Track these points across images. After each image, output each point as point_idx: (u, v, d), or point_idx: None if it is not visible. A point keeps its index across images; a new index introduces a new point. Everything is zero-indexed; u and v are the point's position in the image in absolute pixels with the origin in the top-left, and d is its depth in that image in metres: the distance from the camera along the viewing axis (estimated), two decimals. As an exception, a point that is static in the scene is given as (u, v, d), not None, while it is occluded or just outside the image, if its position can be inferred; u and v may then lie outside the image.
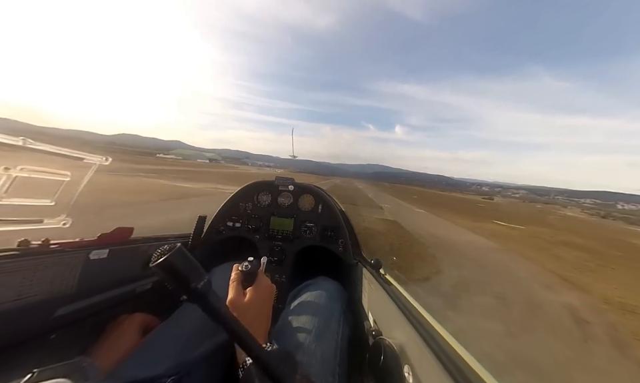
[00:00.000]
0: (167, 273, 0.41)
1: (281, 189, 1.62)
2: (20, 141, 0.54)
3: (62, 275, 0.79)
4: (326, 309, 0.93)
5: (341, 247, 1.46)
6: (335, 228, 1.50)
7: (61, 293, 0.79)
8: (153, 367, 0.68)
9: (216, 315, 0.45)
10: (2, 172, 0.55)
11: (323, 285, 1.07)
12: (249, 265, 0.76)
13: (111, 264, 0.95)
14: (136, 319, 0.87)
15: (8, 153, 0.54)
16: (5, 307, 0.66)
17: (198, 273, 0.44)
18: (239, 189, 1.61)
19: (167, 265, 0.41)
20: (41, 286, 0.74)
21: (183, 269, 0.42)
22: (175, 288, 0.43)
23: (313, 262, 1.63)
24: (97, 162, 0.74)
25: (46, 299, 0.75)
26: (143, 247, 1.10)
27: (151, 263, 0.41)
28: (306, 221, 1.55)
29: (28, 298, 0.71)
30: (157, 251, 0.42)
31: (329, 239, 1.49)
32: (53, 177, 0.67)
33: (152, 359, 0.70)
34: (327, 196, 1.62)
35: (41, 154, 0.59)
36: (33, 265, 0.72)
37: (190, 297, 0.43)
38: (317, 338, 0.79)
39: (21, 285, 0.69)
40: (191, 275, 0.43)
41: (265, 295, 0.76)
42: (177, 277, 0.42)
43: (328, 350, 0.79)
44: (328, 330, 0.85)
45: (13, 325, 0.70)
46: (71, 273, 0.82)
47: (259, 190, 1.62)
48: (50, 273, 0.76)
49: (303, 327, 0.82)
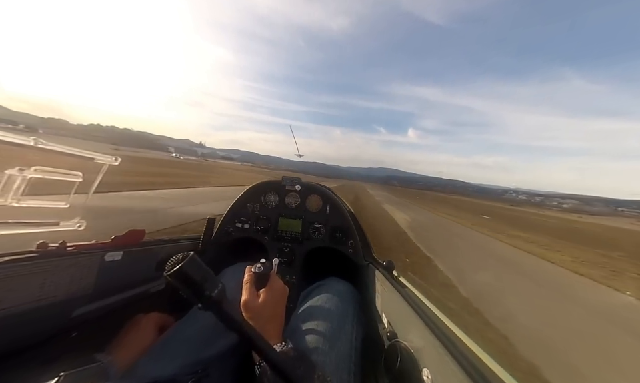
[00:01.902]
0: (180, 282, 0.42)
1: (288, 189, 1.61)
2: (31, 141, 0.56)
3: (79, 276, 0.81)
4: (339, 310, 0.92)
5: (350, 248, 1.45)
6: (344, 229, 1.49)
7: (79, 294, 0.81)
8: (170, 366, 0.69)
9: (231, 322, 0.46)
10: (17, 173, 0.57)
11: (334, 286, 1.07)
12: (261, 266, 0.77)
13: (125, 265, 0.97)
14: (152, 319, 0.89)
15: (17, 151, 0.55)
16: (28, 307, 0.68)
17: (211, 280, 0.44)
18: (246, 189, 1.62)
19: (180, 274, 0.41)
20: (60, 287, 0.76)
21: (196, 278, 0.42)
22: (189, 296, 0.43)
23: (322, 262, 1.62)
24: (107, 163, 0.76)
25: (65, 299, 0.78)
26: (155, 249, 1.12)
27: (165, 272, 0.42)
28: (314, 222, 1.54)
29: (48, 299, 0.73)
30: (171, 260, 0.43)
31: (338, 240, 1.48)
32: (65, 178, 0.69)
33: (168, 358, 0.72)
34: (334, 196, 1.61)
35: (53, 154, 0.61)
36: (52, 266, 0.74)
37: (204, 305, 0.43)
38: (332, 339, 0.79)
39: (42, 286, 0.71)
40: (204, 283, 0.43)
41: (278, 296, 0.77)
42: (190, 286, 0.42)
43: (343, 351, 0.79)
44: (342, 331, 0.85)
45: (36, 324, 0.72)
46: (88, 274, 0.84)
47: (266, 190, 1.63)
48: (68, 275, 0.78)
49: (316, 328, 0.82)
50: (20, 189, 0.59)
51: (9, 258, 0.65)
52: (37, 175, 0.61)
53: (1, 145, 0.52)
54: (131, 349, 0.76)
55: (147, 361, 0.71)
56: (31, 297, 0.69)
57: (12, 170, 0.56)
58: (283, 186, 1.62)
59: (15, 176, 0.57)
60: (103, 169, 0.76)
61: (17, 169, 0.57)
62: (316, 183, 1.68)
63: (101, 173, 0.77)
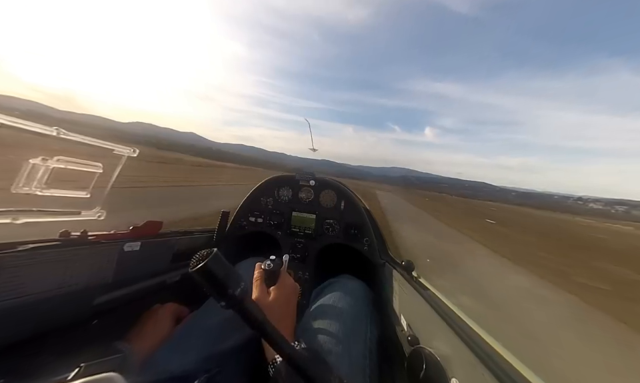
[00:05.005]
0: (204, 279, 0.41)
1: (302, 184, 1.60)
2: (54, 131, 0.56)
3: (99, 265, 0.83)
4: (352, 308, 0.90)
5: (366, 246, 1.41)
6: (359, 226, 1.46)
7: (99, 283, 0.83)
8: (185, 358, 0.70)
9: (253, 321, 0.45)
10: (40, 163, 0.58)
11: (347, 284, 1.05)
12: (271, 263, 0.76)
13: (143, 256, 0.98)
14: (169, 309, 0.90)
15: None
16: (51, 294, 0.70)
17: (235, 279, 0.44)
18: (259, 183, 1.62)
19: (205, 272, 0.40)
20: (81, 275, 0.78)
21: (220, 275, 0.42)
22: (212, 294, 0.42)
23: (337, 260, 1.59)
24: (126, 154, 0.76)
25: (86, 287, 0.79)
26: (172, 241, 1.13)
27: (189, 268, 0.41)
28: (328, 218, 1.52)
29: (71, 286, 0.75)
30: (195, 257, 0.42)
31: (353, 238, 1.45)
32: (86, 169, 0.70)
33: (184, 350, 0.72)
34: (349, 192, 1.57)
35: (72, 144, 0.61)
36: (73, 255, 0.75)
37: (227, 303, 0.43)
38: (345, 338, 0.77)
39: (64, 273, 0.73)
40: (228, 281, 0.42)
41: (289, 294, 0.76)
42: (214, 283, 0.41)
43: (357, 352, 0.76)
44: (356, 331, 0.83)
45: (58, 311, 0.74)
46: (108, 264, 0.85)
47: (280, 185, 1.62)
48: (88, 263, 0.79)
49: (328, 328, 0.80)
50: (44, 179, 0.60)
51: (33, 246, 0.67)
52: (59, 165, 0.62)
53: (24, 133, 0.53)
54: (149, 339, 0.77)
55: (164, 352, 0.72)
56: (54, 284, 0.71)
57: (36, 159, 0.57)
58: (296, 181, 1.60)
59: (38, 165, 0.58)
60: (122, 159, 0.77)
61: (40, 158, 0.57)
62: (331, 178, 1.65)
63: (121, 164, 0.77)
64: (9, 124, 0.49)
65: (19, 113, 0.62)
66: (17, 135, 0.56)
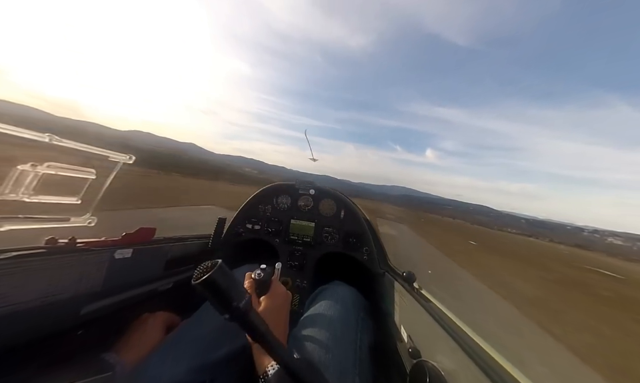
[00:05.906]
0: (208, 292, 0.40)
1: (301, 192, 1.58)
2: (46, 137, 0.54)
3: (88, 273, 0.79)
4: (341, 315, 0.89)
5: (365, 255, 1.39)
6: (358, 235, 1.44)
7: (87, 291, 0.79)
8: (176, 368, 0.67)
9: (257, 335, 0.44)
10: (29, 169, 0.55)
11: (337, 291, 1.03)
12: (261, 273, 0.74)
13: (135, 263, 0.95)
14: (159, 317, 0.87)
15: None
16: (34, 304, 0.67)
17: (239, 291, 0.43)
18: (258, 190, 1.60)
19: (210, 283, 0.39)
20: (68, 284, 0.74)
21: (224, 287, 0.41)
22: (216, 307, 0.41)
23: (336, 269, 1.57)
24: (121, 160, 0.73)
25: (73, 297, 0.76)
26: (165, 248, 1.10)
27: (193, 280, 0.40)
28: (327, 226, 1.50)
29: (56, 296, 0.71)
30: (199, 268, 0.41)
31: (352, 247, 1.43)
32: (78, 175, 0.67)
33: (174, 360, 0.70)
34: (349, 201, 1.56)
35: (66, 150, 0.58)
36: (60, 263, 0.72)
37: (231, 316, 0.42)
38: (334, 346, 0.76)
39: (49, 283, 0.69)
40: (232, 293, 0.42)
41: (280, 303, 0.74)
42: (218, 296, 0.41)
43: (345, 360, 0.75)
44: (345, 338, 0.81)
45: (42, 322, 0.71)
46: (97, 272, 0.82)
47: (279, 193, 1.60)
48: (77, 272, 0.76)
49: (318, 335, 0.79)
50: (32, 185, 0.57)
51: (16, 254, 0.63)
52: (49, 171, 0.59)
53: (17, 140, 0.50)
54: (138, 349, 0.74)
55: (153, 362, 0.69)
56: (38, 294, 0.67)
57: (24, 165, 0.54)
58: (296, 189, 1.59)
59: (27, 171, 0.55)
60: (117, 166, 0.74)
61: (29, 164, 0.55)
62: (330, 187, 1.64)
63: (115, 170, 0.74)
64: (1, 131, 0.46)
65: (10, 119, 0.59)
66: (11, 142, 0.53)
